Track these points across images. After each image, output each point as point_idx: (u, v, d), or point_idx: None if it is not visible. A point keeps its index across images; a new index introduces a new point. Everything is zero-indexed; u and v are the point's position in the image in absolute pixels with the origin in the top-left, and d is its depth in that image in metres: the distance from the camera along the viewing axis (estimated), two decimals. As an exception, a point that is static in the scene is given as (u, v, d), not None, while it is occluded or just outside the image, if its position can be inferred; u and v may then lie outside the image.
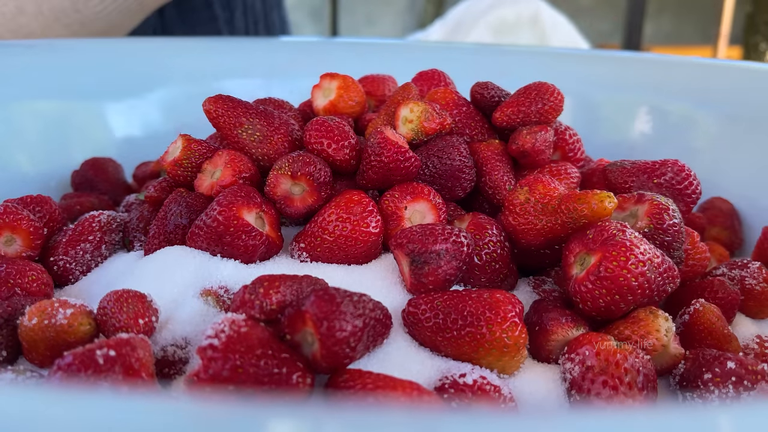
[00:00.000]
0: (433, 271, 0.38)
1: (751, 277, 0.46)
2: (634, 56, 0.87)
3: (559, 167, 0.50)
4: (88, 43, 0.78)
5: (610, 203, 0.39)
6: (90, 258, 0.48)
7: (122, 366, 0.31)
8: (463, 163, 0.47)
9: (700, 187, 0.48)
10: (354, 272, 0.42)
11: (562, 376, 0.37)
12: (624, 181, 0.49)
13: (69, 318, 0.36)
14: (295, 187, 0.44)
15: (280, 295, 0.35)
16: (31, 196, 0.51)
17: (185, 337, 0.38)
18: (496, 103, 0.51)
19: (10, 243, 0.45)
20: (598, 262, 0.37)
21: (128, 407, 0.19)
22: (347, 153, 0.45)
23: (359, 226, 0.42)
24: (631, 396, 0.33)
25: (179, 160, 0.47)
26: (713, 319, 0.40)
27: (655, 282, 0.37)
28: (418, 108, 0.47)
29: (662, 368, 0.38)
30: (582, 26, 4.16)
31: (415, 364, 0.36)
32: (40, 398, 0.20)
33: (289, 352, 0.32)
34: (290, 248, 0.44)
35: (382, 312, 0.35)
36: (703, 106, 0.71)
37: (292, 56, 0.87)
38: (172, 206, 0.45)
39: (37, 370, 0.36)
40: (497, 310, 0.36)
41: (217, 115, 0.47)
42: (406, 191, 0.44)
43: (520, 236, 0.42)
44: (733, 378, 0.35)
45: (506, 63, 0.83)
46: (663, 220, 0.41)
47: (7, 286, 0.41)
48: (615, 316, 0.38)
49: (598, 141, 0.57)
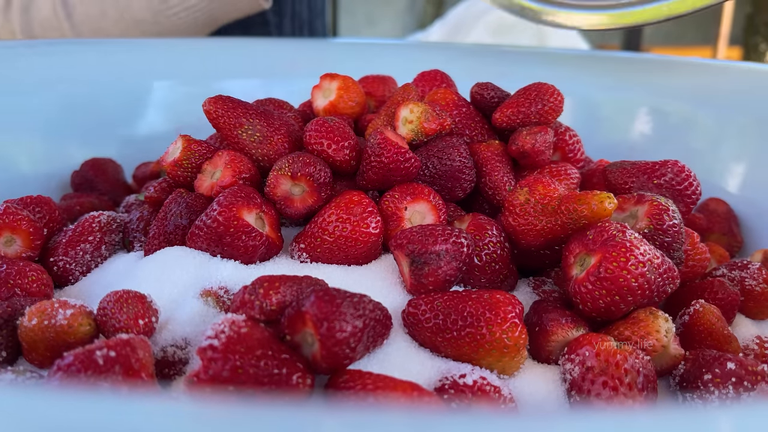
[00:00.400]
0: (433, 271, 0.38)
1: (751, 277, 0.46)
2: (634, 57, 0.87)
3: (559, 168, 0.50)
4: (88, 44, 0.78)
5: (610, 204, 0.39)
6: (90, 258, 0.48)
7: (122, 367, 0.31)
8: (463, 164, 0.47)
9: (700, 188, 0.48)
10: (354, 273, 0.42)
11: (562, 377, 0.37)
12: (624, 182, 0.49)
13: (69, 318, 0.36)
14: (295, 187, 0.44)
15: (280, 295, 0.35)
16: (31, 197, 0.51)
17: (185, 338, 0.38)
18: (496, 103, 0.51)
19: (10, 243, 0.45)
20: (598, 262, 0.37)
21: (128, 408, 0.19)
22: (347, 153, 0.45)
23: (359, 226, 0.42)
24: (631, 397, 0.33)
25: (179, 161, 0.47)
26: (713, 319, 0.40)
27: (655, 283, 0.37)
28: (418, 109, 0.47)
29: (662, 369, 0.38)
30: (582, 27, 4.16)
31: (415, 365, 0.36)
32: (40, 399, 0.20)
33: (289, 352, 0.32)
34: (290, 249, 0.44)
35: (382, 312, 0.35)
36: (703, 106, 0.71)
37: (292, 56, 0.87)
38: (172, 207, 0.45)
39: (37, 370, 0.36)
40: (497, 310, 0.36)
41: (217, 115, 0.47)
42: (406, 192, 0.44)
43: (520, 237, 0.42)
44: (733, 379, 0.35)
45: (506, 63, 0.83)
46: (663, 220, 0.41)
47: (7, 286, 0.41)
48: (615, 316, 0.38)
49: (597, 141, 0.57)
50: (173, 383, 0.36)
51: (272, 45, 0.91)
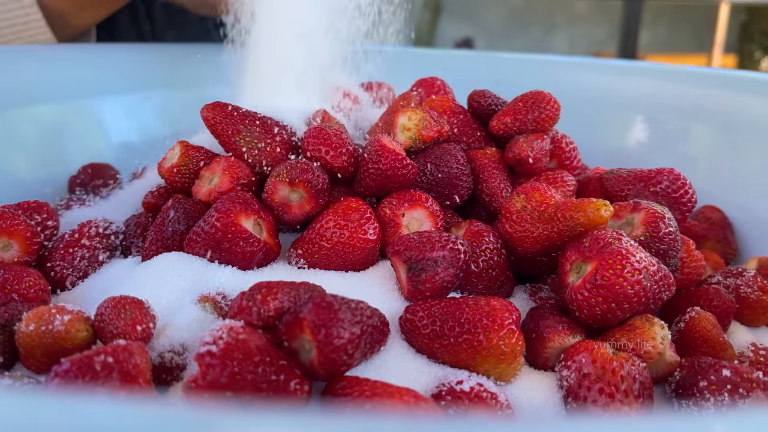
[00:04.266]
0: (430, 278, 0.38)
1: (746, 285, 0.46)
2: (629, 64, 0.87)
3: (556, 175, 0.50)
4: (85, 49, 0.78)
5: (606, 211, 0.39)
6: (87, 264, 0.48)
7: (119, 372, 0.31)
8: (461, 171, 0.47)
9: (696, 196, 0.48)
10: (351, 279, 0.42)
11: (558, 384, 0.37)
12: (620, 190, 0.49)
13: (66, 324, 0.36)
14: (293, 193, 0.44)
15: (278, 301, 0.35)
16: (28, 202, 0.51)
17: (183, 344, 0.38)
18: (493, 111, 0.52)
19: (7, 248, 0.45)
20: (594, 270, 0.37)
21: (125, 414, 0.19)
22: (345, 160, 0.45)
23: (357, 233, 0.42)
24: (627, 403, 0.34)
25: (177, 167, 0.47)
26: (708, 326, 0.40)
27: (651, 290, 0.37)
28: (416, 116, 0.47)
29: (658, 376, 0.38)
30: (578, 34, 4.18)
31: (412, 372, 0.36)
32: (37, 404, 0.20)
33: (286, 359, 0.32)
34: (288, 255, 0.44)
35: (379, 319, 0.35)
36: (698, 114, 0.71)
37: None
38: (170, 212, 0.46)
39: (34, 376, 0.36)
40: (494, 317, 0.36)
41: (215, 122, 0.47)
42: (403, 198, 0.44)
43: (517, 244, 0.42)
44: (728, 386, 0.35)
45: (503, 71, 0.83)
46: (659, 228, 0.42)
47: (4, 291, 0.41)
48: (611, 323, 0.38)
49: (594, 149, 0.57)
50: (171, 389, 0.36)
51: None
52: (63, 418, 0.19)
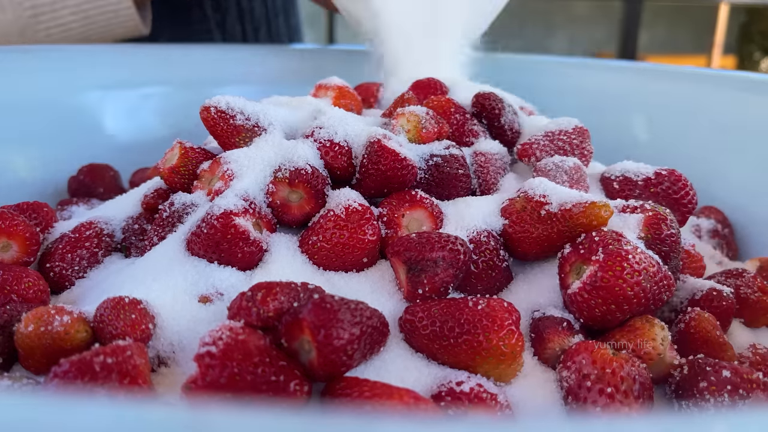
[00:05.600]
0: (430, 278, 0.38)
1: (746, 285, 0.46)
2: (629, 65, 0.87)
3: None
4: (86, 49, 0.78)
5: (606, 212, 0.39)
6: (86, 264, 0.47)
7: (119, 373, 0.31)
8: (461, 171, 0.47)
9: (697, 198, 0.48)
10: (351, 280, 0.42)
11: (558, 384, 0.37)
12: (621, 190, 0.49)
13: (65, 325, 0.36)
14: (293, 194, 0.44)
15: (278, 302, 0.35)
16: (27, 203, 0.51)
17: (182, 344, 0.38)
18: (497, 114, 0.52)
19: (6, 249, 0.45)
20: (594, 271, 0.37)
21: (125, 414, 0.19)
22: (345, 161, 0.45)
23: (356, 233, 0.42)
24: (627, 404, 0.33)
25: (176, 167, 0.47)
26: (709, 327, 0.40)
27: (651, 291, 0.37)
28: (415, 116, 0.47)
29: (658, 377, 0.38)
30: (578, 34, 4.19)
31: (411, 372, 0.36)
32: (37, 405, 0.19)
33: (286, 360, 0.32)
34: (288, 255, 0.44)
35: (379, 320, 0.35)
36: (698, 114, 0.71)
37: (288, 64, 0.87)
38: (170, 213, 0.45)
39: (33, 377, 0.36)
40: (494, 318, 0.36)
41: (214, 122, 0.47)
42: (403, 199, 0.44)
43: (516, 244, 0.42)
44: (728, 386, 0.35)
45: (503, 72, 0.83)
46: (661, 230, 0.41)
47: (3, 292, 0.41)
48: (611, 325, 0.38)
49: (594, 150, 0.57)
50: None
51: (270, 52, 0.91)
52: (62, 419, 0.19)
